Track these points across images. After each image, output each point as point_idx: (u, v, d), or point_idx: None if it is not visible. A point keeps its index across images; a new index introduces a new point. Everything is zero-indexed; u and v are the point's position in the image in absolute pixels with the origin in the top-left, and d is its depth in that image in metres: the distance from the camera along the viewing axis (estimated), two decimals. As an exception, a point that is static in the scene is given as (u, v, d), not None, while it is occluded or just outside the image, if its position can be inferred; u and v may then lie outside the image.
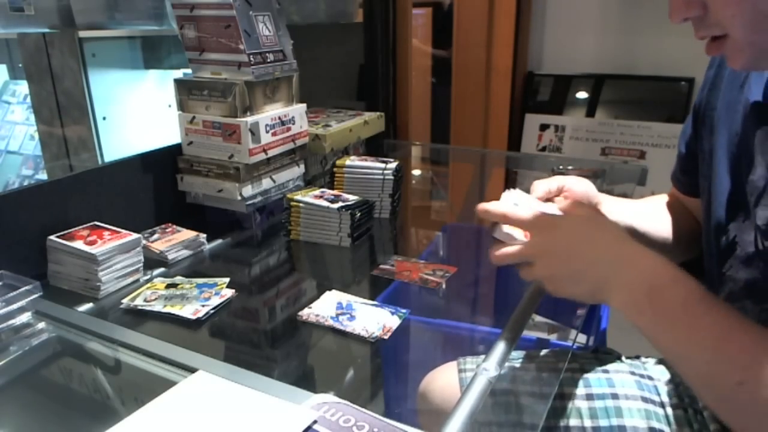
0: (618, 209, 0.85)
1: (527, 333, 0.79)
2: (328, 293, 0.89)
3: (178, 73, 1.17)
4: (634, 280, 0.60)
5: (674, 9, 0.57)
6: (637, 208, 0.89)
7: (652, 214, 0.89)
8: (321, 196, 1.11)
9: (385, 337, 0.77)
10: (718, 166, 0.72)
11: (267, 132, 1.11)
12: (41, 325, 0.77)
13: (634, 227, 0.85)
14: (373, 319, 0.81)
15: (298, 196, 1.09)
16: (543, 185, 0.79)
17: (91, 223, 0.96)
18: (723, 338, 0.54)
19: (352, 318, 0.81)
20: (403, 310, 0.83)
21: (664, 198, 0.93)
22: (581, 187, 0.82)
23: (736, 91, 0.70)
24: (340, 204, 1.08)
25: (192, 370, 0.62)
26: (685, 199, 0.90)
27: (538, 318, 1.21)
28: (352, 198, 1.12)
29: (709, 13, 0.55)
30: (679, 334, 0.56)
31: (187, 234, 1.05)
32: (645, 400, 0.79)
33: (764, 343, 0.52)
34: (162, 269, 0.98)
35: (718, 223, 0.71)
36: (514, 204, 0.72)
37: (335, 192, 1.16)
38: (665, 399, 0.79)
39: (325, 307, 0.84)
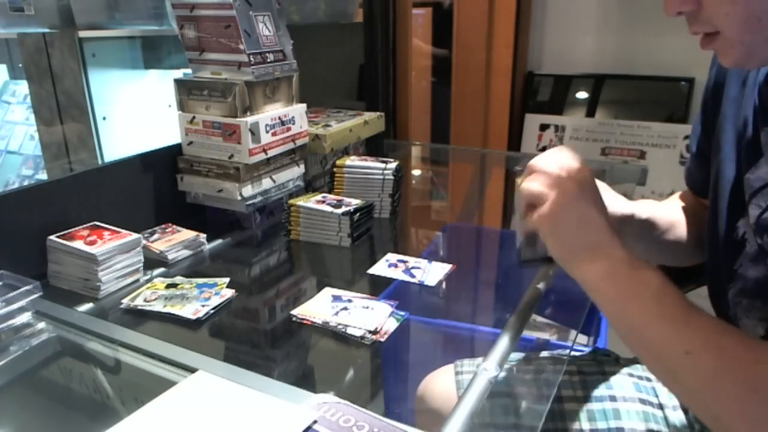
0: (635, 205, 0.83)
1: (527, 333, 0.79)
2: (326, 289, 0.89)
3: (178, 73, 1.17)
4: (621, 254, 0.60)
5: (669, 1, 0.57)
6: (654, 205, 0.87)
7: (667, 212, 0.87)
8: (323, 202, 1.11)
9: (382, 340, 0.77)
10: (723, 164, 0.71)
11: (267, 132, 1.11)
12: (41, 325, 0.77)
13: (652, 220, 0.83)
14: (369, 317, 0.81)
15: (300, 202, 1.10)
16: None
17: (91, 223, 0.96)
18: (685, 314, 0.55)
19: (348, 312, 0.81)
20: (402, 313, 0.83)
21: (676, 199, 0.91)
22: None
23: (739, 87, 0.70)
24: (344, 209, 1.07)
25: (192, 370, 0.62)
26: (698, 200, 0.87)
27: (538, 318, 1.21)
28: (354, 202, 1.12)
29: (703, 9, 0.55)
30: (644, 304, 0.57)
31: (187, 234, 1.05)
32: (643, 402, 0.78)
33: (722, 325, 0.54)
34: (162, 269, 0.98)
35: (726, 220, 0.70)
36: None
37: (337, 197, 1.16)
38: (664, 401, 0.79)
39: (321, 305, 0.84)
